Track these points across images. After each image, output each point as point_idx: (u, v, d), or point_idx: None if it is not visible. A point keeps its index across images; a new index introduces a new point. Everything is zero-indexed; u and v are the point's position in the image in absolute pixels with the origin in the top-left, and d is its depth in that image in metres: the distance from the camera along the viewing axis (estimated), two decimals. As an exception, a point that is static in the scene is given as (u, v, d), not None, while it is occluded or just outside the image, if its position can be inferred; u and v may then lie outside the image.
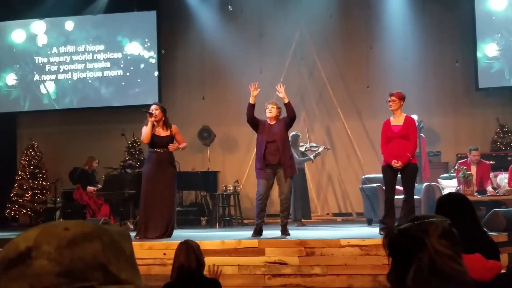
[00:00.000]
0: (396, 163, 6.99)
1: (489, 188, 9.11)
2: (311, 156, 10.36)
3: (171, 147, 7.55)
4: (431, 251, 1.33)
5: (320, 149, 10.54)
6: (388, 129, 7.21)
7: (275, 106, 7.55)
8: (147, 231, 7.40)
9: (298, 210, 9.99)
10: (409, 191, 7.12)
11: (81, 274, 0.91)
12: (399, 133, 7.11)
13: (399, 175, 7.19)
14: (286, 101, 7.44)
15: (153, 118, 7.55)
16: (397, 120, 7.21)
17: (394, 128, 7.17)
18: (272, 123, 7.50)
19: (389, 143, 7.17)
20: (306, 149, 10.41)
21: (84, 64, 12.96)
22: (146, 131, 7.57)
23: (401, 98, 7.19)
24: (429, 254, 1.33)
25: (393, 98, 7.17)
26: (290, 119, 7.50)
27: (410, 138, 7.12)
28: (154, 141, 7.58)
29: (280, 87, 7.54)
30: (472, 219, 3.50)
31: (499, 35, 11.57)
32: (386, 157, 7.16)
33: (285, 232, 7.36)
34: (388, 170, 7.14)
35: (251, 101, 7.52)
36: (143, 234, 7.38)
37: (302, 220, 10.06)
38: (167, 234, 7.41)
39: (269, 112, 7.52)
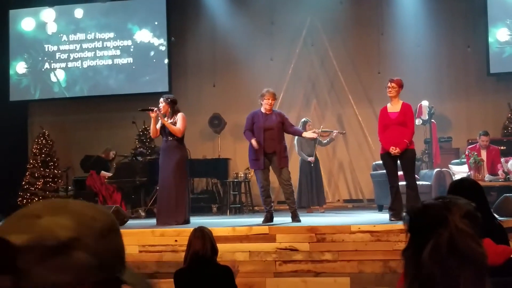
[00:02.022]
0: (394, 150, 6.99)
1: (500, 171, 9.06)
2: (307, 158, 10.03)
3: (156, 109, 7.59)
4: (452, 228, 1.31)
5: (334, 134, 10.36)
6: (385, 116, 7.22)
7: (273, 101, 7.61)
8: (163, 219, 7.55)
9: (313, 197, 9.97)
10: (410, 177, 7.11)
11: (111, 265, 0.92)
12: (396, 120, 7.11)
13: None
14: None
15: (154, 114, 7.59)
16: (394, 107, 7.21)
17: (391, 115, 7.17)
18: (268, 113, 7.50)
19: (387, 130, 7.17)
20: (313, 158, 10.09)
21: (94, 52, 12.98)
22: (151, 126, 7.73)
23: (400, 85, 7.21)
24: (450, 230, 1.31)
25: (393, 84, 7.17)
26: (291, 132, 7.94)
27: (407, 124, 7.10)
28: (161, 131, 7.66)
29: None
30: (483, 204, 3.52)
31: (511, 20, 11.47)
32: (384, 144, 7.16)
33: (295, 218, 7.37)
34: (387, 158, 7.15)
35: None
36: (160, 221, 7.57)
37: (317, 207, 10.05)
38: (179, 221, 7.46)
39: (268, 105, 7.54)
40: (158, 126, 7.68)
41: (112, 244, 0.93)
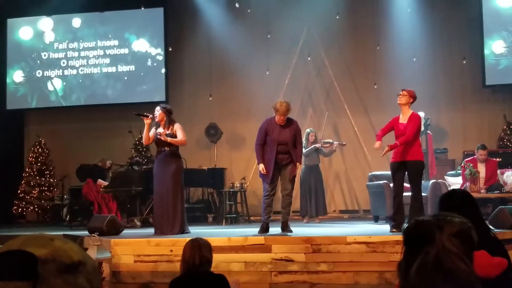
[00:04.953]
0: (379, 149, 7.11)
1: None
2: (317, 145, 10.09)
3: (160, 132, 7.58)
4: (439, 246, 1.33)
5: (335, 146, 10.39)
6: (395, 125, 7.19)
7: (285, 117, 7.37)
8: (160, 228, 7.58)
9: (312, 206, 10.00)
10: (416, 188, 7.09)
11: None
12: (403, 131, 7.09)
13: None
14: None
15: (149, 120, 7.62)
16: (403, 118, 7.19)
17: (400, 126, 7.16)
18: (281, 124, 7.42)
19: (396, 140, 7.17)
20: (320, 145, 10.20)
21: (91, 61, 13.00)
22: (144, 133, 7.72)
23: (412, 95, 7.17)
24: (437, 249, 1.33)
25: (404, 92, 7.16)
26: (292, 153, 7.46)
27: (407, 130, 7.05)
28: (157, 140, 7.66)
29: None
30: (475, 215, 3.45)
31: (506, 32, 11.53)
32: (394, 154, 7.17)
33: (286, 228, 7.35)
34: (396, 167, 7.13)
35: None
36: (158, 231, 7.60)
37: (319, 217, 10.10)
38: (174, 231, 7.47)
39: (281, 121, 7.36)
40: (151, 133, 7.69)
41: (99, 282, 1.08)
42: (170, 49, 12.62)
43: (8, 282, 0.98)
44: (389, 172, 7.67)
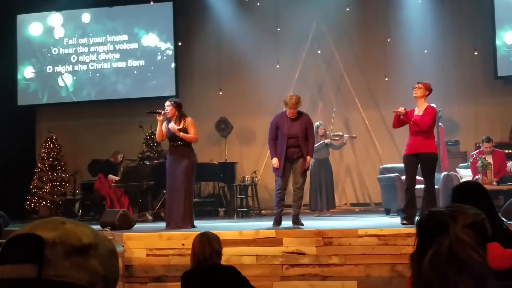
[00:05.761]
0: (400, 109, 7.00)
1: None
2: (326, 140, 10.12)
3: (172, 127, 7.57)
4: (452, 237, 1.33)
5: (345, 138, 10.37)
6: (410, 118, 7.15)
7: (295, 110, 7.36)
8: (172, 223, 7.63)
9: (322, 199, 9.99)
10: (429, 181, 7.04)
11: (111, 284, 1.07)
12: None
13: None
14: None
15: (161, 117, 7.63)
16: (419, 110, 7.15)
17: (415, 118, 7.13)
18: (292, 117, 7.41)
19: (410, 133, 7.15)
20: (330, 140, 10.18)
21: (101, 57, 13.03)
22: (157, 130, 7.76)
23: (428, 88, 7.15)
24: (450, 239, 1.33)
25: (419, 85, 7.13)
26: (303, 146, 7.44)
27: (424, 120, 7.00)
28: (170, 135, 7.67)
29: None
30: (488, 207, 3.44)
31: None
32: (407, 146, 7.14)
33: (297, 222, 7.36)
34: (408, 160, 7.10)
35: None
36: (170, 225, 7.65)
37: (324, 211, 10.09)
38: (186, 225, 7.51)
39: (291, 114, 7.37)
40: (164, 129, 7.69)
41: (117, 265, 1.09)
42: (179, 44, 12.62)
43: (15, 265, 1.00)
44: (401, 165, 7.65)
